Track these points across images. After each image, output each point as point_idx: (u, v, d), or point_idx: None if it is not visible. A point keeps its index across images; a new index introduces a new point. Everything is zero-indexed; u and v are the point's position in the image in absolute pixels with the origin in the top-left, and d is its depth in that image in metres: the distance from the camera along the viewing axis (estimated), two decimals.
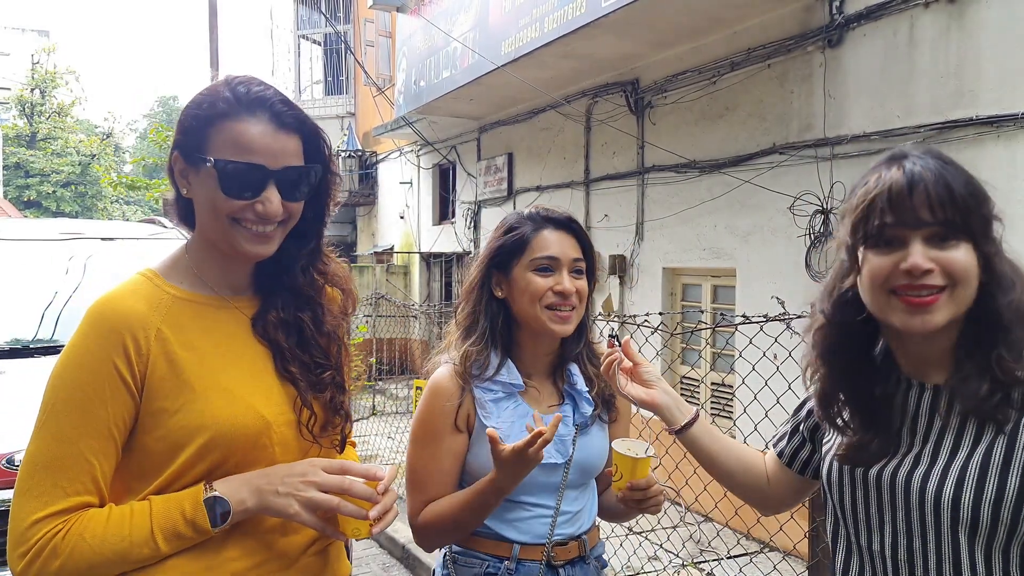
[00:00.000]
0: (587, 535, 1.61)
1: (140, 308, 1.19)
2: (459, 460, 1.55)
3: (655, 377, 1.43)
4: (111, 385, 1.13)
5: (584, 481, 1.61)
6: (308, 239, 1.32)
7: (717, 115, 5.42)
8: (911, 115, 4.12)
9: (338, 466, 1.20)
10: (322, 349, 1.32)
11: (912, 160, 1.07)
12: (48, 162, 25.03)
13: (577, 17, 5.19)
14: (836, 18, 4.50)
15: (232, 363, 1.23)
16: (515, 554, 1.53)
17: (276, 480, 1.16)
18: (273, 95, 1.20)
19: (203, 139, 1.18)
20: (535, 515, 1.55)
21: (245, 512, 1.16)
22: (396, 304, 7.87)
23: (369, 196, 12.33)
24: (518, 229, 1.58)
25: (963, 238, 1.05)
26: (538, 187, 7.64)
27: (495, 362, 1.57)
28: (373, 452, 6.89)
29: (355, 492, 1.17)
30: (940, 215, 1.04)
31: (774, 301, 2.93)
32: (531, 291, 1.53)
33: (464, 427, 1.55)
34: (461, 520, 1.50)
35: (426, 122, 8.84)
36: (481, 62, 6.50)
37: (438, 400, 1.54)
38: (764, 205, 4.97)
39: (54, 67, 27.01)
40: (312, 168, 1.24)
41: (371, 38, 10.98)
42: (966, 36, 3.87)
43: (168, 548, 1.13)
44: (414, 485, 1.56)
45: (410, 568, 4.69)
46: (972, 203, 1.05)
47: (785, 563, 3.92)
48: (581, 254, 1.59)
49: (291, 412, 1.26)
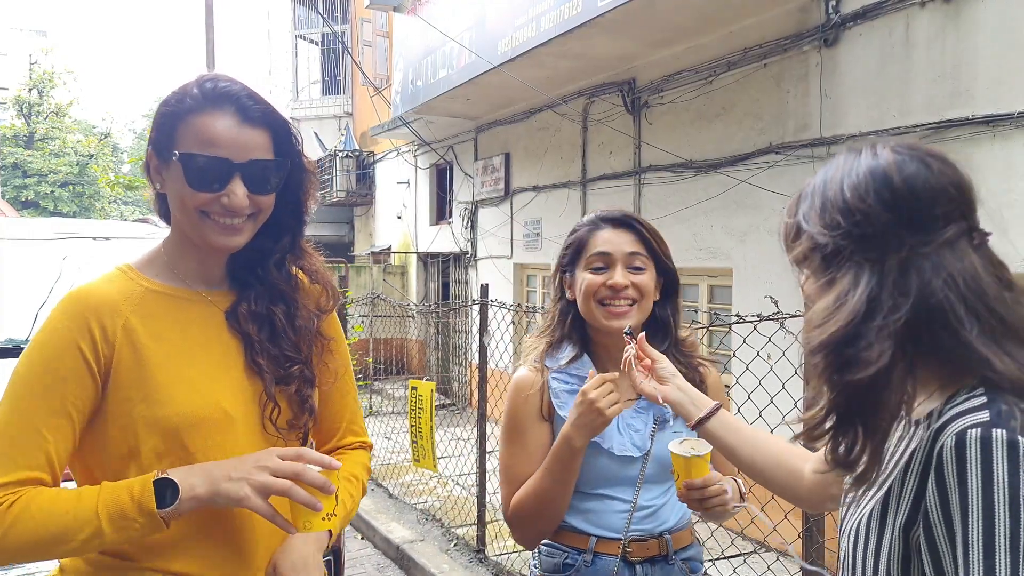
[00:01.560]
0: (672, 535, 1.59)
1: (111, 297, 1.21)
2: (546, 450, 1.56)
3: (670, 373, 1.43)
4: (74, 366, 1.15)
5: (664, 477, 1.60)
6: (283, 234, 1.33)
7: (713, 115, 5.41)
8: (907, 115, 4.12)
9: (294, 453, 1.18)
10: (292, 343, 1.33)
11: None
12: (46, 162, 25.02)
13: (573, 17, 5.19)
14: (832, 18, 4.50)
15: (201, 355, 1.25)
16: (591, 546, 1.55)
17: (229, 467, 1.15)
18: (240, 90, 1.22)
19: (172, 135, 1.21)
20: (611, 508, 1.57)
21: (195, 498, 1.13)
22: (393, 304, 7.86)
23: (366, 196, 12.33)
24: (577, 232, 1.65)
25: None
26: (535, 187, 7.63)
27: (570, 354, 1.62)
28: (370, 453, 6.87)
29: (307, 478, 1.14)
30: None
31: (769, 301, 2.92)
32: (585, 289, 1.58)
33: (548, 415, 1.60)
34: (542, 490, 1.52)
35: (423, 122, 8.83)
36: (478, 62, 6.50)
37: (520, 393, 1.61)
38: (760, 205, 4.97)
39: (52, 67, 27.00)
40: (281, 162, 1.25)
41: (368, 38, 10.98)
42: (962, 36, 3.86)
43: (111, 529, 1.10)
44: (507, 480, 1.61)
45: (404, 569, 4.68)
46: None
47: (779, 563, 3.91)
48: (642, 248, 1.60)
49: (256, 405, 1.27)
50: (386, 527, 5.09)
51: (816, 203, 0.97)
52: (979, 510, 0.80)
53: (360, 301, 8.37)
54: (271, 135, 1.24)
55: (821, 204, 0.96)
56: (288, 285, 1.34)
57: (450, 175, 9.74)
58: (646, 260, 1.60)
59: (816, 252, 0.96)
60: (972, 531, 0.80)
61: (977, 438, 0.82)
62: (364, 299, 8.40)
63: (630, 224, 1.62)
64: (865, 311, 0.88)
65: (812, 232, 0.96)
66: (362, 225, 13.15)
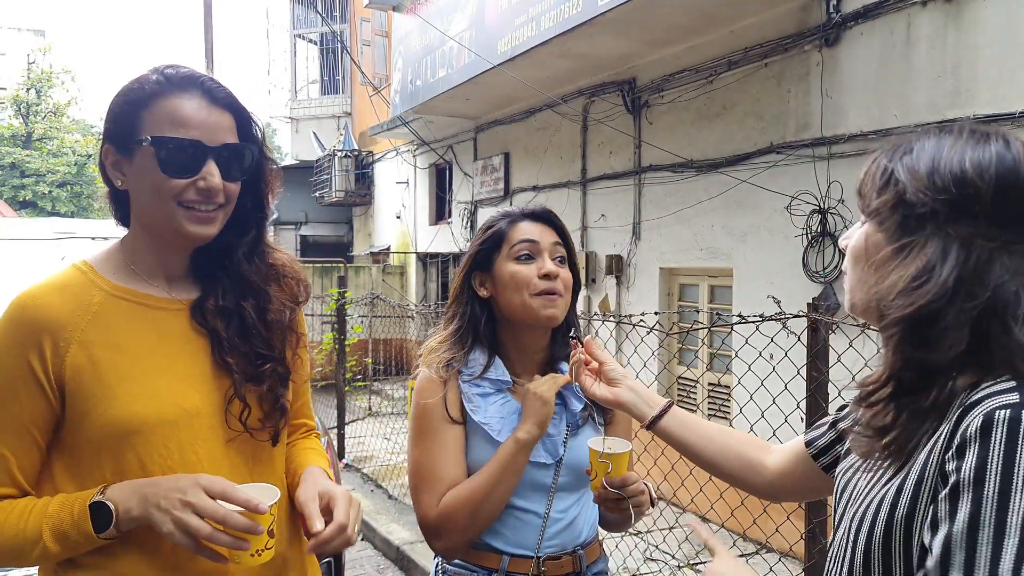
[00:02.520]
0: (584, 549, 1.54)
1: (65, 307, 1.16)
2: (462, 450, 1.49)
3: (620, 374, 1.39)
4: (25, 383, 1.12)
5: (578, 485, 1.54)
6: (248, 227, 1.29)
7: (714, 114, 5.40)
8: (908, 114, 4.11)
9: (219, 490, 1.11)
10: (264, 339, 1.28)
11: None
12: (44, 162, 24.96)
13: (573, 16, 5.17)
14: (833, 17, 4.48)
15: (162, 358, 1.20)
16: (504, 566, 1.46)
17: (161, 492, 1.10)
18: (202, 74, 1.20)
19: (136, 123, 1.17)
20: (525, 522, 1.49)
21: (132, 520, 1.10)
22: (392, 304, 7.85)
23: (365, 196, 12.30)
24: (495, 226, 1.58)
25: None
26: (535, 187, 7.62)
27: (482, 361, 1.54)
28: (369, 452, 6.86)
29: (230, 524, 1.08)
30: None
31: (771, 301, 2.91)
32: (516, 280, 1.50)
33: (458, 416, 1.50)
34: (483, 495, 1.42)
35: (422, 122, 8.81)
36: (477, 61, 6.48)
37: (422, 398, 1.52)
38: (761, 205, 4.96)
39: (50, 67, 26.94)
40: (248, 147, 1.23)
41: (367, 37, 10.96)
42: (963, 35, 3.85)
43: (58, 548, 1.10)
44: (423, 482, 1.48)
45: (404, 570, 4.66)
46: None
47: (781, 564, 3.90)
48: (561, 241, 1.56)
49: (222, 404, 1.23)
50: (386, 528, 5.08)
51: (924, 160, 0.91)
52: (995, 491, 0.78)
53: (359, 301, 8.35)
54: (235, 119, 1.22)
55: (931, 163, 0.91)
56: (260, 278, 1.30)
57: (449, 175, 9.72)
58: (565, 254, 1.57)
59: (900, 208, 0.91)
60: (985, 511, 0.78)
61: (1005, 419, 0.80)
62: (363, 299, 8.38)
63: (549, 219, 1.58)
64: (952, 291, 0.86)
65: (908, 186, 0.91)
66: (361, 225, 13.13)
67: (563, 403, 1.56)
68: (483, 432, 1.48)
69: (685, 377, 5.73)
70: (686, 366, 5.74)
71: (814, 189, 4.53)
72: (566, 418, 1.55)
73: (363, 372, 9.15)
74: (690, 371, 5.68)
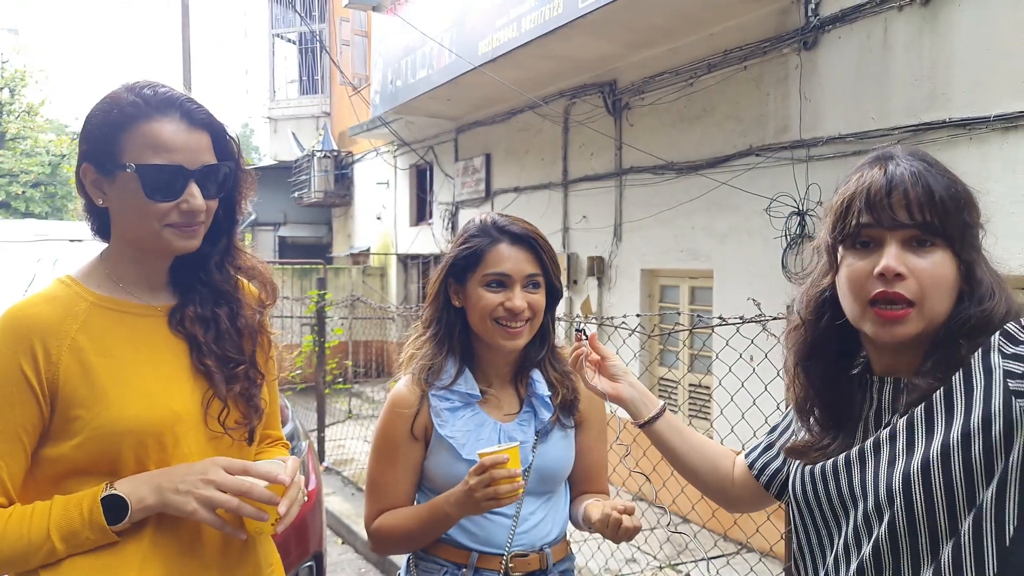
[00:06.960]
0: (551, 548, 1.59)
1: (54, 315, 1.20)
2: (416, 471, 1.58)
3: (622, 371, 1.44)
4: (18, 390, 1.15)
5: (545, 489, 1.60)
6: (220, 236, 1.34)
7: (694, 117, 5.43)
8: (885, 117, 4.15)
9: (240, 466, 1.21)
10: (236, 344, 1.34)
11: (895, 161, 1.07)
12: (17, 162, 24.53)
13: (554, 17, 5.17)
14: (811, 20, 4.52)
15: (149, 364, 1.25)
16: (472, 562, 1.53)
17: (176, 478, 1.18)
18: (180, 94, 1.22)
19: (115, 146, 1.19)
20: (495, 522, 1.55)
21: (145, 509, 1.17)
22: (372, 306, 7.80)
23: (345, 197, 12.23)
24: (473, 242, 1.56)
25: (941, 242, 1.04)
26: (516, 188, 7.62)
27: (452, 371, 1.58)
28: (349, 456, 6.82)
29: (254, 495, 1.19)
30: (917, 217, 1.03)
31: (751, 303, 2.93)
32: (481, 306, 1.53)
33: (421, 436, 1.56)
34: (413, 533, 1.53)
35: (403, 122, 8.78)
36: (458, 62, 6.47)
37: (395, 409, 1.57)
38: (741, 207, 4.99)
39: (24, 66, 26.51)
40: (225, 165, 1.26)
41: (347, 37, 10.89)
42: (939, 39, 3.90)
43: (66, 548, 1.14)
44: (371, 493, 1.60)
45: (385, 572, 4.64)
46: (951, 206, 1.04)
47: (762, 564, 3.92)
48: (538, 268, 1.56)
49: (202, 405, 1.28)
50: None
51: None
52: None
53: (339, 303, 8.30)
54: (211, 138, 1.25)
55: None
56: (230, 286, 1.36)
57: (430, 176, 9.69)
58: (541, 279, 1.57)
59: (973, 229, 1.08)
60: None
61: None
62: (343, 301, 8.33)
63: (530, 242, 1.55)
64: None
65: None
66: (340, 226, 13.05)
67: (533, 411, 1.60)
68: (448, 445, 1.54)
69: (666, 378, 5.75)
70: (667, 367, 5.76)
71: (793, 191, 4.56)
72: (535, 425, 1.60)
73: (343, 375, 9.09)
74: (671, 372, 5.70)
